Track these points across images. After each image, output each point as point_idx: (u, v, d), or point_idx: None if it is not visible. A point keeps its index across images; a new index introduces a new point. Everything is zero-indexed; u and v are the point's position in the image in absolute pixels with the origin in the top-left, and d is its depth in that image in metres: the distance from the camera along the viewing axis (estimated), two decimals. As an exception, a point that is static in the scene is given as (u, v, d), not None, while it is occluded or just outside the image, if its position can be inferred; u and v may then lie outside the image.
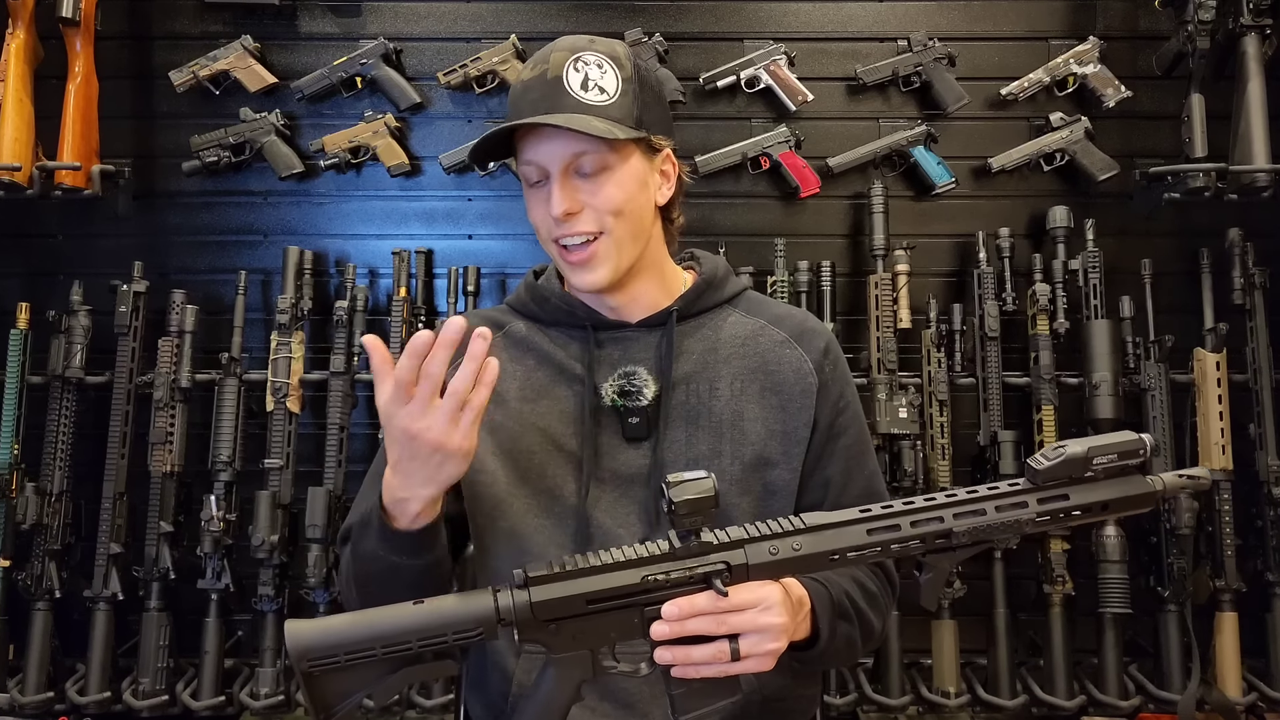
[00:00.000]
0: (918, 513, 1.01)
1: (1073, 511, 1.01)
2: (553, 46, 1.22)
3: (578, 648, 1.01)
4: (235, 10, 2.59)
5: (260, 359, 2.49)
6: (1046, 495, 1.01)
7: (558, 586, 0.99)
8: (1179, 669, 2.32)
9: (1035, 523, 1.01)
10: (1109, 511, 1.02)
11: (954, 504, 1.01)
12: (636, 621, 1.01)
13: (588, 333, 1.26)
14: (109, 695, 2.34)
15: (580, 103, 1.17)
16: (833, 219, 2.61)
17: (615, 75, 1.20)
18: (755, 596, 1.00)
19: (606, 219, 1.19)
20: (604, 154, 1.18)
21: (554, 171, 1.18)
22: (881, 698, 2.35)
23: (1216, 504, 2.35)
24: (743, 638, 0.99)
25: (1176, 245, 2.55)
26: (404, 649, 0.97)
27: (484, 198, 2.63)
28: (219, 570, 2.35)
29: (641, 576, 1.00)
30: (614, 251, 1.20)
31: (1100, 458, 1.00)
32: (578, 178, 1.19)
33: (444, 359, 0.99)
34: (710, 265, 1.33)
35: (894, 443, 2.36)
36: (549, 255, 1.26)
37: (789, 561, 1.01)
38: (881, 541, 1.01)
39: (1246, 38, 2.36)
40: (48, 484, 2.38)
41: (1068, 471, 1.00)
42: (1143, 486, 1.01)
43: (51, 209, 2.57)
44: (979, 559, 2.41)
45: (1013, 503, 1.01)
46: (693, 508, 0.97)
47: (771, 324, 1.30)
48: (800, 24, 2.63)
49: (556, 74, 1.18)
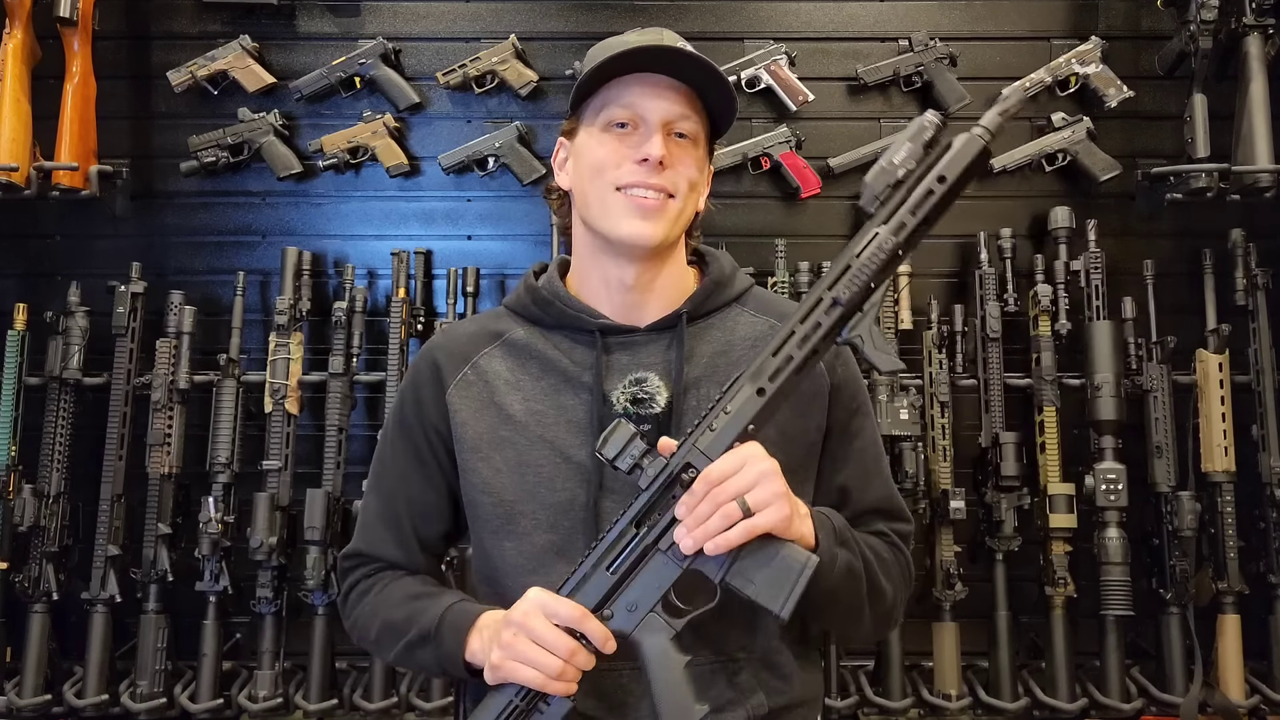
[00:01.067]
0: (803, 311, 1.08)
1: (920, 206, 1.04)
2: (656, 29, 1.25)
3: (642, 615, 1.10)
4: (233, 10, 2.58)
5: (259, 360, 2.49)
6: (888, 214, 1.05)
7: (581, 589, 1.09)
8: (1181, 671, 2.31)
9: (900, 240, 1.05)
10: (953, 183, 1.04)
11: (827, 282, 1.07)
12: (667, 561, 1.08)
13: (595, 338, 1.22)
14: (107, 698, 2.33)
15: (699, 60, 1.18)
16: (834, 220, 2.60)
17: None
18: (731, 462, 1.04)
19: (682, 183, 1.20)
20: (700, 125, 1.21)
21: (655, 121, 1.19)
22: (883, 700, 2.34)
23: (1219, 506, 2.34)
24: (746, 496, 1.03)
25: (1179, 246, 2.54)
26: None
27: (483, 198, 2.62)
28: (217, 572, 2.34)
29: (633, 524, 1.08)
30: (675, 217, 1.20)
31: (898, 154, 1.04)
32: (671, 139, 1.20)
33: None
34: (718, 264, 1.31)
35: (895, 444, 2.35)
36: (600, 205, 1.20)
37: (729, 426, 1.06)
38: (789, 354, 1.07)
39: (1249, 38, 2.35)
40: (45, 486, 2.37)
41: (884, 181, 1.05)
42: (961, 143, 1.04)
43: (49, 209, 2.56)
44: (980, 561, 2.41)
45: (868, 241, 1.06)
46: (618, 446, 1.06)
47: (780, 320, 1.26)
48: (801, 24, 2.62)
49: (674, 40, 1.21)
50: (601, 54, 1.22)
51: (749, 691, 1.18)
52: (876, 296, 1.07)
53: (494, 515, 1.21)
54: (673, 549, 1.07)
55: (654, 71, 1.18)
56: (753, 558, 1.05)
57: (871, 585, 1.17)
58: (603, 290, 1.24)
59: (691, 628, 1.16)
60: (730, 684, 1.18)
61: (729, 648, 1.19)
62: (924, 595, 2.39)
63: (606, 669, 1.16)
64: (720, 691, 1.17)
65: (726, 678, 1.18)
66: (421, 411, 1.27)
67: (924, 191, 1.04)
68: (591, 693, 1.17)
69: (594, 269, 1.24)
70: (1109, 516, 2.29)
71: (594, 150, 1.21)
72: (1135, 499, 2.31)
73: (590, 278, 1.25)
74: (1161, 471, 2.35)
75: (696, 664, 1.17)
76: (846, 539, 1.15)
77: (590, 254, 1.25)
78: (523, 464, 1.21)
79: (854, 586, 1.14)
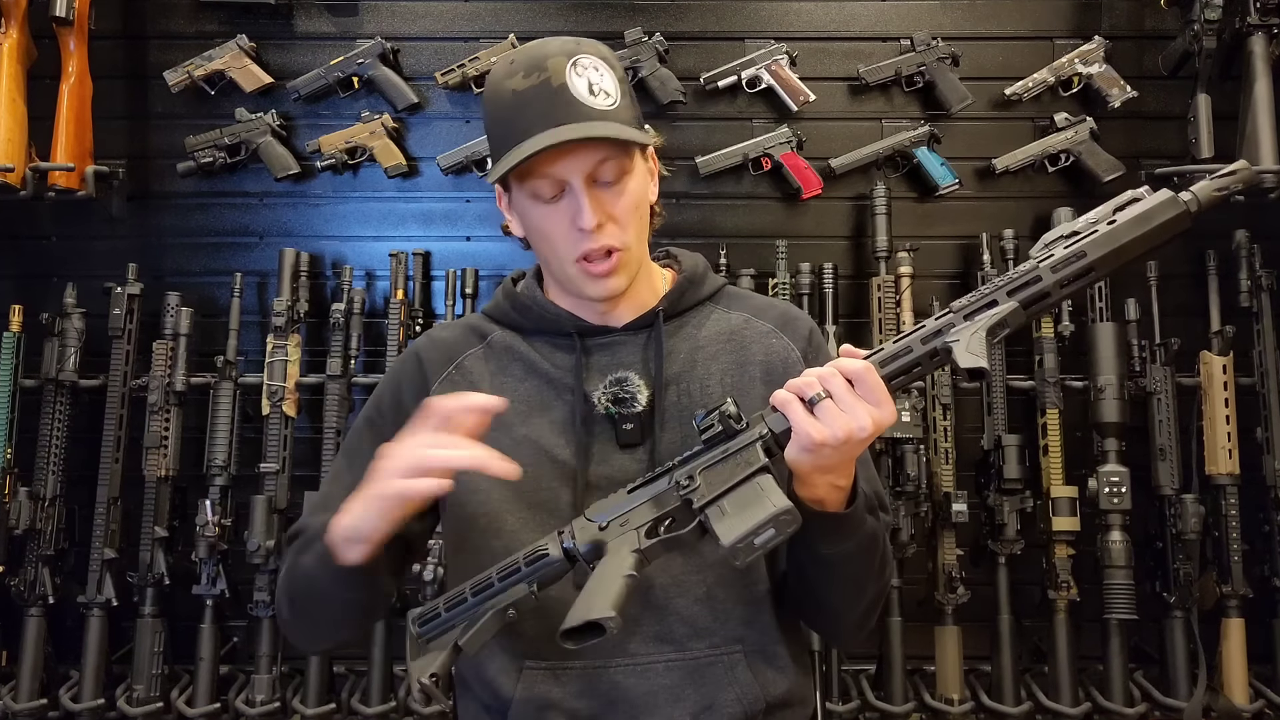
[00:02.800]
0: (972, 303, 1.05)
1: (1111, 257, 1.03)
2: (541, 51, 1.15)
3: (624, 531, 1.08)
4: (231, 9, 2.57)
5: (256, 362, 2.47)
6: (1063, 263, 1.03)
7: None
8: (1185, 675, 2.30)
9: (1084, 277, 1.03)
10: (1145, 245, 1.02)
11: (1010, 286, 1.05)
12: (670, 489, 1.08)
13: (574, 340, 1.23)
14: (103, 702, 2.32)
15: (593, 109, 1.12)
16: (835, 220, 2.58)
17: (612, 76, 1.17)
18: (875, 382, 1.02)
19: (627, 234, 1.17)
20: (622, 160, 1.15)
21: (576, 183, 1.14)
22: (884, 705, 2.32)
23: (1223, 509, 2.32)
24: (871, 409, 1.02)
25: (1182, 247, 2.51)
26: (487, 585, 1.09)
27: (482, 199, 2.61)
28: (214, 575, 2.33)
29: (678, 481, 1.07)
30: (632, 262, 1.19)
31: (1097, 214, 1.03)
32: (598, 187, 1.15)
33: None
34: (690, 263, 1.31)
35: (897, 446, 2.34)
36: (564, 277, 1.20)
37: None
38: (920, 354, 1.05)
39: (1253, 37, 2.34)
40: (41, 488, 2.35)
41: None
42: (1171, 206, 1.01)
43: (45, 210, 2.55)
44: (983, 564, 2.39)
45: (1064, 266, 1.04)
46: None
47: (755, 316, 1.29)
48: (802, 23, 2.61)
49: (560, 81, 1.12)
50: (495, 109, 1.16)
51: (745, 684, 1.18)
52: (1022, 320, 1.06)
53: (480, 514, 1.20)
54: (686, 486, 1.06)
55: (575, 137, 1.12)
56: (743, 495, 1.03)
57: (881, 559, 1.18)
58: (576, 301, 1.25)
59: (685, 620, 1.17)
60: (726, 676, 1.18)
61: (725, 640, 1.19)
62: (926, 599, 2.38)
63: (601, 665, 1.16)
64: (716, 683, 1.17)
65: (723, 670, 1.18)
66: (400, 411, 1.24)
67: (1118, 250, 1.03)
68: (586, 691, 1.17)
69: (565, 293, 1.25)
70: (1112, 519, 2.28)
71: (535, 222, 1.18)
72: (1139, 502, 2.30)
73: (564, 292, 1.26)
74: (1165, 474, 2.34)
75: (693, 658, 1.17)
76: (874, 508, 1.16)
77: (560, 284, 1.25)
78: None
79: (870, 556, 1.15)
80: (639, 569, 1.05)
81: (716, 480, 1.05)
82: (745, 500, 1.02)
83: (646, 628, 1.18)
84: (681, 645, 1.18)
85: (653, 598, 1.18)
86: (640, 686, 1.17)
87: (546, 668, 1.18)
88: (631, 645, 1.17)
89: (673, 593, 1.18)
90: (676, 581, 1.18)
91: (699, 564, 1.18)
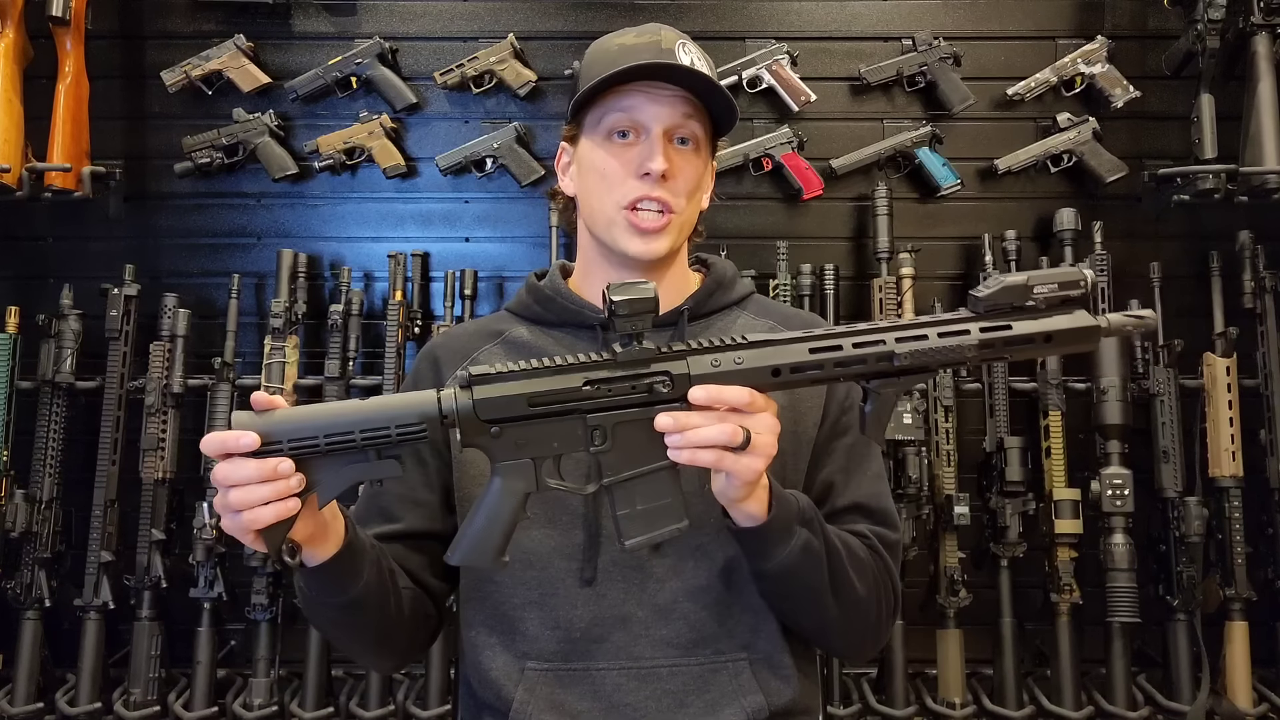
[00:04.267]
0: (860, 334, 1.02)
1: (1015, 342, 1.02)
2: (654, 26, 1.22)
3: (520, 456, 1.02)
4: (228, 9, 2.56)
5: (253, 364, 2.45)
6: (989, 324, 1.02)
7: (500, 386, 1.00)
8: (1188, 679, 2.29)
9: (979, 350, 1.01)
10: (1053, 345, 1.02)
11: (896, 327, 1.02)
12: (580, 433, 1.02)
13: (596, 333, 1.24)
14: (99, 706, 2.30)
15: (695, 71, 1.17)
16: (836, 221, 2.57)
17: (709, 69, 1.21)
18: (750, 399, 0.99)
19: (682, 199, 1.20)
20: (701, 128, 1.20)
21: (656, 130, 1.18)
22: (886, 708, 2.31)
23: (1227, 511, 2.31)
24: (753, 431, 0.99)
25: (1186, 248, 2.51)
26: (347, 440, 0.97)
27: (481, 200, 2.60)
28: (211, 579, 2.31)
29: (584, 381, 1.01)
30: (677, 229, 1.21)
31: (1040, 286, 1.01)
32: (673, 146, 1.19)
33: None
34: (719, 267, 1.34)
35: (898, 449, 2.33)
36: (606, 224, 1.20)
37: (731, 375, 1.01)
38: (824, 360, 1.01)
39: (1257, 37, 2.33)
40: (37, 491, 2.34)
41: (1008, 299, 1.01)
42: (1086, 320, 1.02)
43: (41, 211, 2.53)
44: (985, 567, 2.38)
45: (955, 329, 1.02)
46: (632, 308, 0.99)
47: (781, 324, 1.29)
48: (803, 23, 2.59)
49: (670, 47, 1.19)
50: (599, 57, 1.21)
51: (749, 692, 1.17)
52: (917, 380, 1.05)
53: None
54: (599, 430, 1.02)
55: (654, 80, 1.17)
56: (651, 485, 1.03)
57: (835, 573, 1.13)
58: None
59: (693, 625, 1.17)
60: (731, 683, 1.17)
61: (731, 647, 1.18)
62: (928, 602, 2.37)
63: (604, 668, 1.16)
64: (721, 690, 1.17)
65: (728, 677, 1.17)
66: None
67: (1026, 335, 1.02)
68: (589, 694, 1.16)
69: (598, 271, 1.26)
70: (1115, 522, 2.27)
71: (597, 163, 1.21)
72: (1142, 504, 2.29)
73: (593, 278, 1.27)
74: (1168, 476, 2.32)
75: (698, 665, 1.17)
76: (810, 519, 1.12)
77: (595, 258, 1.27)
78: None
79: (813, 568, 1.11)
80: (527, 509, 1.05)
81: (629, 451, 1.02)
82: (653, 495, 1.04)
83: (654, 631, 1.17)
84: (687, 650, 1.17)
85: (661, 600, 1.17)
86: (643, 691, 1.16)
87: (549, 669, 1.18)
88: (637, 649, 1.17)
89: (681, 596, 1.17)
90: (686, 585, 1.17)
91: (710, 569, 1.18)
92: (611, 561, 1.18)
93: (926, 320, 1.02)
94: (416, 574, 1.22)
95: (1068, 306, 1.02)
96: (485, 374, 1.00)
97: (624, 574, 1.17)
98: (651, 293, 0.99)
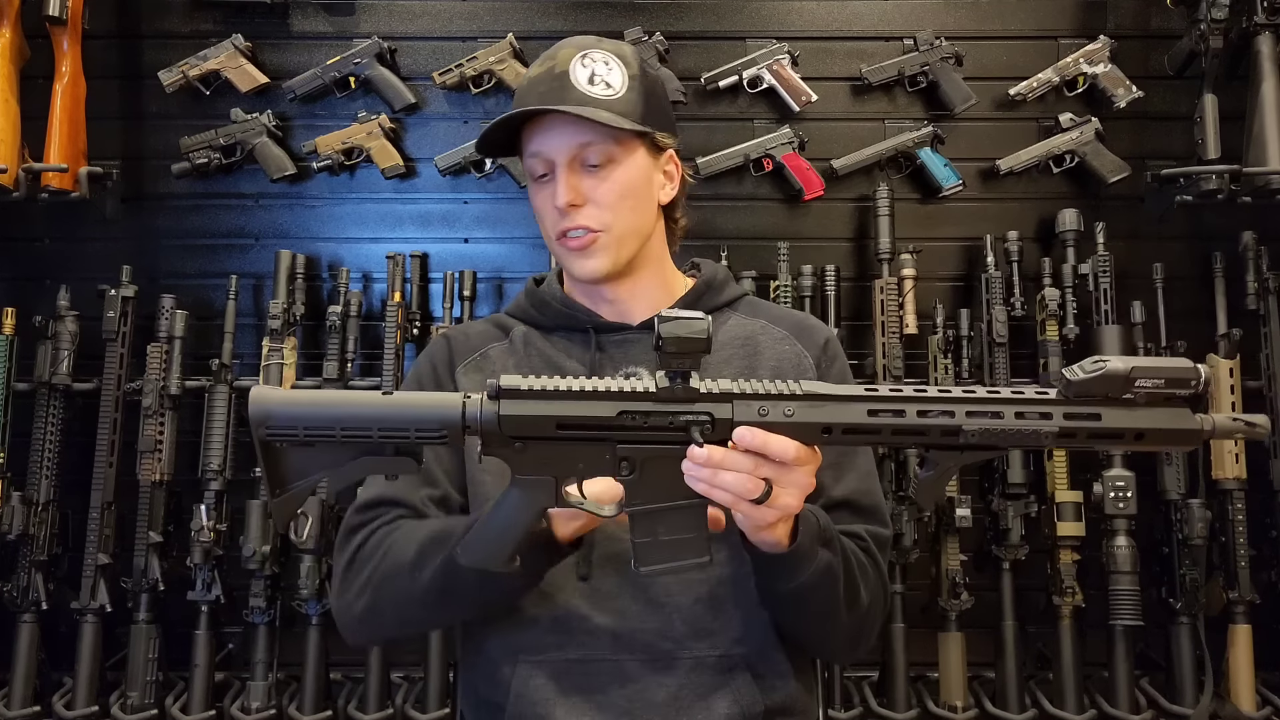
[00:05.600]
0: (928, 402, 0.94)
1: (1101, 435, 0.93)
2: (561, 44, 1.25)
3: (542, 473, 0.99)
4: (226, 9, 2.54)
5: (251, 365, 2.44)
6: (1075, 411, 0.93)
7: (530, 404, 0.96)
8: (1191, 682, 2.28)
9: (1057, 438, 0.94)
10: (1144, 443, 0.94)
11: (969, 400, 0.94)
12: (608, 458, 0.98)
13: (589, 336, 1.27)
14: (97, 709, 2.29)
15: (586, 96, 1.19)
16: (837, 222, 2.56)
17: (621, 72, 1.22)
18: (793, 452, 0.96)
19: (607, 216, 1.21)
20: (609, 146, 1.21)
21: (560, 162, 1.21)
22: (887, 712, 2.30)
23: (1230, 513, 2.30)
24: (777, 485, 0.96)
25: (1189, 249, 2.50)
26: (364, 436, 0.95)
27: (480, 200, 2.59)
28: (209, 581, 2.30)
29: (618, 411, 0.96)
30: (614, 245, 1.23)
31: (1144, 380, 0.91)
32: (583, 170, 1.21)
33: None
34: (710, 269, 1.36)
35: (900, 451, 2.32)
36: (553, 253, 1.28)
37: (778, 426, 0.96)
38: (882, 425, 0.95)
39: (1261, 37, 2.31)
40: (34, 493, 2.33)
41: (1104, 389, 0.92)
42: (1188, 421, 0.93)
43: (38, 212, 2.51)
44: (987, 570, 2.37)
45: (1036, 411, 0.94)
46: (681, 346, 0.93)
47: (772, 323, 1.31)
48: (804, 22, 2.58)
49: (564, 69, 1.20)
50: (517, 96, 1.26)
51: (743, 689, 1.18)
52: (983, 457, 0.98)
53: (496, 493, 1.19)
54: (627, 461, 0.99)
55: (543, 109, 1.19)
56: (677, 517, 1.00)
57: (849, 590, 1.14)
58: (592, 297, 1.30)
59: (686, 620, 1.18)
60: (724, 680, 1.18)
61: (726, 643, 1.19)
62: (929, 604, 2.36)
63: (598, 661, 1.17)
64: (714, 686, 1.17)
65: (721, 674, 1.18)
66: (439, 383, 1.30)
67: (1115, 430, 0.93)
68: (583, 687, 1.17)
69: (576, 284, 1.31)
70: (1118, 524, 2.26)
71: (535, 205, 1.27)
72: (1144, 507, 2.28)
73: (577, 287, 1.31)
74: (1171, 479, 2.31)
75: (692, 659, 1.17)
76: (830, 539, 1.12)
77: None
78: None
79: (831, 588, 1.12)
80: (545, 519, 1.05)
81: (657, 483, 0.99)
82: (677, 528, 1.00)
83: (648, 625, 1.18)
84: (681, 644, 1.18)
85: (653, 594, 1.18)
86: (638, 685, 1.17)
87: (543, 661, 1.19)
88: (631, 641, 1.18)
89: (674, 590, 1.18)
90: (679, 578, 1.17)
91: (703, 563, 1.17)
92: (606, 556, 1.18)
93: (1007, 396, 0.95)
94: None
95: (1171, 403, 0.93)
96: (516, 388, 0.96)
97: (619, 569, 1.18)
98: (704, 330, 0.93)
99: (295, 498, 0.99)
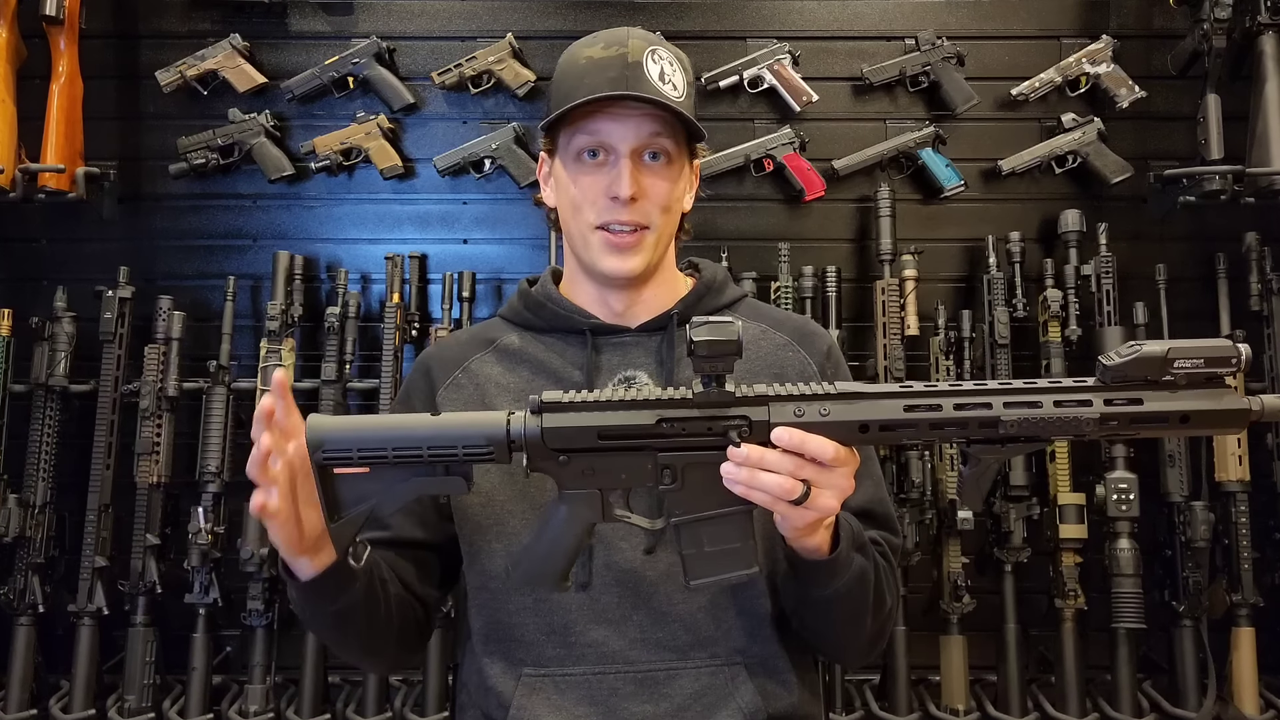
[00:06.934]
0: (964, 395, 0.94)
1: (1144, 419, 0.91)
2: (625, 31, 1.22)
3: (587, 485, 1.01)
4: (224, 8, 2.54)
5: (249, 367, 2.43)
6: (1115, 397, 0.92)
7: (571, 416, 0.98)
8: (1194, 686, 2.27)
9: (1099, 425, 0.92)
10: (1190, 426, 0.92)
11: (1006, 391, 0.93)
12: (650, 467, 0.99)
13: (585, 338, 1.24)
14: (94, 713, 2.28)
15: (660, 91, 1.17)
16: (838, 223, 2.55)
17: (683, 75, 1.21)
18: (833, 453, 0.95)
19: (657, 216, 1.19)
20: (675, 144, 1.20)
21: (624, 151, 1.17)
22: (888, 715, 2.30)
23: (1233, 516, 2.30)
24: (816, 486, 0.96)
25: (1192, 250, 2.50)
26: (415, 455, 0.98)
27: (479, 201, 2.58)
28: (207, 584, 2.30)
29: (656, 419, 0.97)
30: (653, 246, 1.21)
31: (1183, 361, 0.90)
32: (641, 164, 1.18)
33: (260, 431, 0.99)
34: (710, 271, 1.34)
35: (901, 453, 2.31)
36: (577, 243, 1.22)
37: (815, 426, 0.95)
38: (919, 420, 0.94)
39: (1264, 36, 2.32)
40: (31, 495, 2.32)
41: (1142, 372, 0.90)
42: (1234, 402, 0.91)
43: (35, 212, 2.50)
44: (989, 572, 2.36)
45: (1075, 399, 0.92)
46: (713, 350, 0.93)
47: (773, 328, 1.29)
48: (805, 22, 2.57)
49: (637, 59, 1.18)
50: (568, 70, 1.21)
51: (747, 697, 1.17)
52: (1025, 449, 0.96)
53: (483, 515, 1.20)
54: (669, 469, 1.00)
55: (634, 95, 1.16)
56: (721, 527, 1.01)
57: (877, 594, 1.15)
58: (593, 298, 1.27)
59: (688, 628, 1.16)
60: (728, 687, 1.17)
61: (728, 650, 1.18)
62: (931, 607, 2.36)
63: (600, 673, 1.16)
64: (718, 694, 1.16)
65: (725, 681, 1.17)
66: None
67: (1159, 414, 0.91)
68: (585, 699, 1.16)
69: (582, 282, 1.27)
70: (1120, 527, 2.26)
71: (569, 183, 1.21)
72: (1147, 509, 2.27)
73: (579, 287, 1.28)
74: (1174, 481, 2.31)
75: (695, 668, 1.17)
76: (864, 544, 1.13)
77: (578, 271, 1.27)
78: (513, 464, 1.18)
79: (863, 594, 1.12)
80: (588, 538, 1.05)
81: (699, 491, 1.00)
82: (722, 539, 1.01)
83: (649, 635, 1.17)
84: (683, 654, 1.17)
85: (655, 601, 1.17)
86: (640, 695, 1.16)
87: (545, 675, 1.18)
88: (633, 653, 1.17)
89: (676, 598, 1.17)
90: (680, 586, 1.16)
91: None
92: (605, 566, 1.17)
93: (1044, 385, 0.94)
94: (408, 581, 1.21)
95: (1212, 384, 0.91)
96: (556, 401, 0.98)
97: (619, 578, 1.17)
98: (735, 334, 0.93)
99: (353, 522, 1.01)
